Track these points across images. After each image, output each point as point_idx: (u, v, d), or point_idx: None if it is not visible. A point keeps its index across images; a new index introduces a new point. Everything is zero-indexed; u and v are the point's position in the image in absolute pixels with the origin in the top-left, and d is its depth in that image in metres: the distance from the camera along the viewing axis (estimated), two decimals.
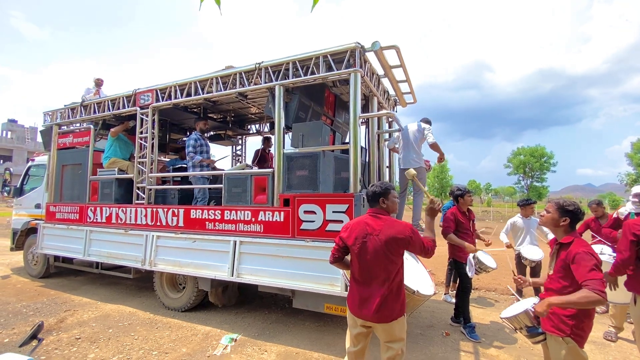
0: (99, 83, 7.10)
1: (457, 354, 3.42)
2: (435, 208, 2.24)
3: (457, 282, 4.11)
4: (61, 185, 5.70)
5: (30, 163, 6.86)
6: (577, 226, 2.18)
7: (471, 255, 3.78)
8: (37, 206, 6.21)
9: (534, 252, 4.69)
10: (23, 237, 6.44)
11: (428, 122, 4.53)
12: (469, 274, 3.74)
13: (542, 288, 2.24)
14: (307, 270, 3.45)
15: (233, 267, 3.83)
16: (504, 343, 3.69)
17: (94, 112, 5.36)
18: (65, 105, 5.78)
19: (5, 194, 7.08)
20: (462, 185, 4.26)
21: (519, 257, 4.79)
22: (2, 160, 37.67)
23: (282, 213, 3.66)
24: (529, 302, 2.24)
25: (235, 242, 3.87)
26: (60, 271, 6.22)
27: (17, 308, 4.55)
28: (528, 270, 4.76)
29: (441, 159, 4.46)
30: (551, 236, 4.54)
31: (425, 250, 2.14)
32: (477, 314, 4.64)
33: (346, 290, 3.17)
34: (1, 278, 6.14)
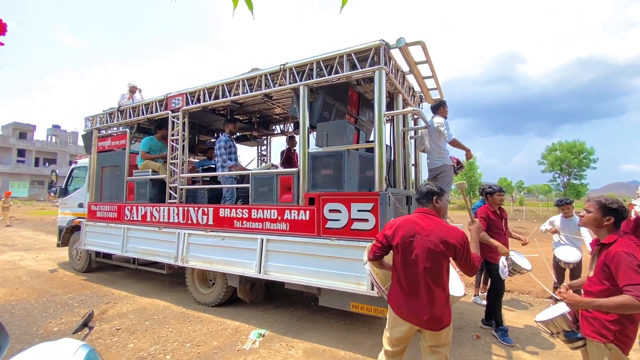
0: (132, 90, 7.51)
1: (489, 358, 3.31)
2: (476, 227, 2.20)
3: (488, 283, 3.98)
4: (101, 185, 6.08)
5: (73, 165, 7.37)
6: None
7: (504, 256, 3.62)
8: (80, 205, 6.67)
9: (569, 253, 4.44)
10: (68, 234, 6.94)
11: (437, 107, 4.34)
12: (502, 276, 3.57)
13: (582, 290, 2.11)
14: (333, 268, 3.47)
15: (260, 264, 3.92)
16: (540, 348, 3.53)
17: (130, 116, 5.67)
18: (103, 111, 6.16)
19: (52, 194, 7.66)
20: (493, 183, 4.11)
21: (556, 260, 4.55)
22: (47, 163, 40.65)
23: (307, 212, 3.71)
24: (567, 306, 2.13)
25: (262, 240, 3.96)
26: (101, 266, 6.64)
27: (64, 300, 4.92)
28: (567, 273, 4.52)
29: (468, 155, 4.31)
30: (589, 239, 4.27)
31: (471, 266, 2.02)
32: (510, 317, 4.46)
33: (372, 289, 3.17)
34: (49, 272, 6.65)
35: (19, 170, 37.73)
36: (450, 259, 2.05)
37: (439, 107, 4.39)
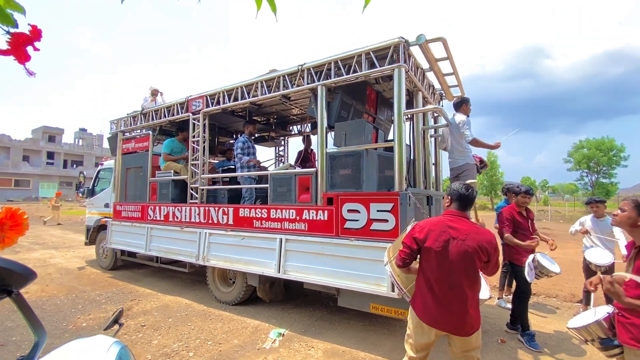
0: (154, 93, 7.74)
1: None
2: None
3: (513, 286, 3.84)
4: (125, 186, 6.29)
5: (99, 167, 7.67)
6: None
7: (530, 257, 3.48)
8: (106, 205, 6.92)
9: (600, 255, 4.22)
10: (95, 233, 7.23)
11: (459, 104, 4.24)
12: (528, 279, 3.42)
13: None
14: (352, 269, 3.45)
15: (279, 264, 3.94)
16: (570, 354, 3.38)
17: (152, 119, 5.84)
18: (127, 114, 6.37)
19: (80, 194, 8.00)
20: (520, 184, 3.97)
21: (587, 262, 4.35)
22: (75, 165, 42.50)
23: (325, 212, 3.70)
24: (602, 311, 2.02)
25: (281, 240, 3.98)
26: (126, 264, 6.87)
27: (92, 296, 5.12)
28: (598, 275, 4.31)
29: (495, 147, 4.13)
30: (624, 241, 4.05)
31: (494, 270, 2.03)
32: (537, 321, 4.30)
33: (393, 291, 3.12)
34: (78, 269, 6.94)
35: (48, 171, 39.64)
36: None
37: (461, 105, 4.28)
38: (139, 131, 6.30)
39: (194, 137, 5.12)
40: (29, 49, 0.87)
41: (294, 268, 3.89)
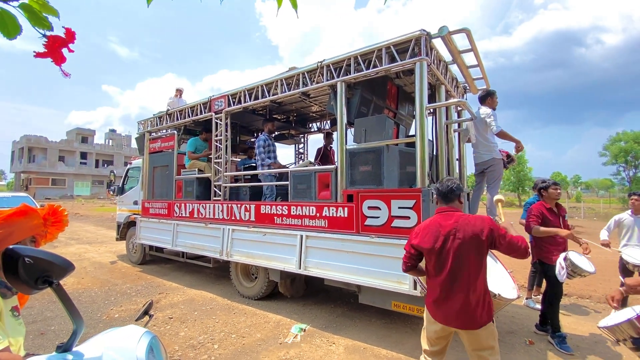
0: (177, 95, 8.00)
1: None
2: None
3: (543, 286, 3.67)
4: (153, 184, 6.54)
5: (128, 166, 8.01)
6: None
7: (562, 256, 3.30)
8: (135, 203, 7.24)
9: (639, 254, 3.96)
10: (125, 229, 7.58)
11: (484, 97, 4.11)
12: (560, 279, 3.21)
13: None
14: (373, 266, 3.43)
15: (300, 260, 3.98)
16: (603, 358, 3.21)
17: (177, 119, 6.03)
18: (154, 115, 6.61)
19: (111, 192, 8.40)
20: (547, 178, 3.79)
21: (623, 262, 4.10)
22: (106, 165, 44.67)
23: (345, 209, 3.69)
24: (636, 310, 1.89)
25: (301, 236, 4.01)
26: (154, 259, 7.16)
27: (123, 289, 5.38)
28: (636, 276, 4.05)
29: (519, 147, 4.02)
30: None
31: (516, 246, 1.91)
32: (568, 322, 4.11)
33: (415, 289, 3.08)
34: (110, 263, 7.31)
35: (82, 171, 41.91)
36: (495, 260, 1.95)
37: (486, 97, 4.14)
38: (164, 131, 6.52)
39: (216, 136, 5.24)
40: (64, 50, 0.92)
41: (314, 264, 3.91)
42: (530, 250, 1.97)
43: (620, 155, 30.83)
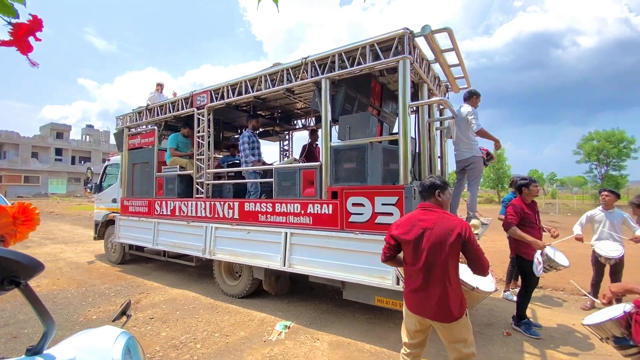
0: (158, 89, 7.78)
1: (521, 356, 3.19)
2: None
3: (520, 280, 3.81)
4: (132, 181, 6.35)
5: (106, 163, 7.75)
6: None
7: (538, 251, 3.43)
8: (114, 200, 7.01)
9: (610, 248, 4.16)
10: (103, 228, 7.33)
11: (469, 96, 4.21)
12: (536, 273, 3.36)
13: None
14: (357, 262, 3.46)
15: (285, 257, 3.97)
16: (577, 348, 3.36)
17: (157, 114, 5.87)
18: (133, 110, 6.41)
19: (88, 190, 8.11)
20: (525, 175, 3.91)
21: (596, 255, 4.30)
22: (83, 161, 43.04)
23: (330, 205, 3.70)
24: (619, 309, 1.97)
25: (286, 234, 4.00)
26: (134, 258, 6.97)
27: (102, 290, 5.21)
28: (607, 269, 4.26)
29: (497, 145, 4.15)
30: None
31: (480, 262, 1.98)
32: (544, 314, 4.28)
33: (397, 284, 3.13)
34: (87, 263, 7.07)
35: (57, 168, 40.22)
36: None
37: (471, 97, 4.24)
38: (144, 127, 6.34)
39: (198, 132, 5.14)
40: (31, 39, 0.87)
41: (299, 261, 3.91)
42: (488, 271, 2.01)
43: (592, 154, 32.24)
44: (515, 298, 4.21)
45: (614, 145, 31.19)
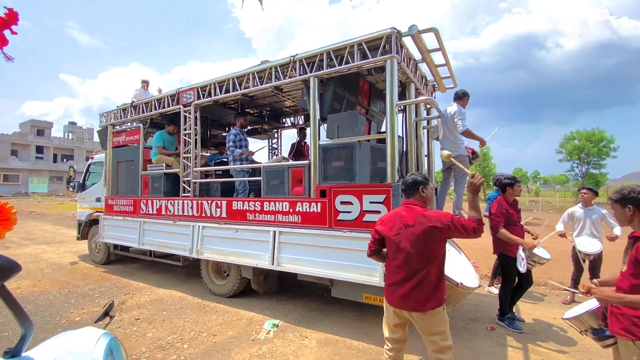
0: (144, 86, 7.63)
1: (504, 349, 3.28)
2: (476, 183, 2.06)
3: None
4: (117, 180, 6.22)
5: (90, 161, 7.55)
6: None
7: (521, 248, 3.52)
8: (98, 199, 6.84)
9: (589, 244, 4.31)
10: (87, 227, 7.15)
11: (461, 96, 4.28)
12: (521, 270, 3.44)
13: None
14: (345, 260, 3.48)
15: (273, 256, 3.96)
16: (557, 341, 3.47)
17: (142, 111, 5.75)
18: (117, 107, 6.26)
19: (71, 189, 7.88)
20: (509, 174, 3.99)
21: (576, 251, 4.44)
22: (65, 159, 41.82)
23: (319, 204, 3.71)
24: (595, 301, 2.04)
25: (274, 232, 3.99)
26: (119, 258, 6.83)
27: (85, 291, 5.09)
28: (587, 265, 4.41)
29: (482, 143, 4.23)
30: (618, 229, 4.12)
31: (467, 230, 2.00)
32: (526, 308, 4.41)
33: (384, 281, 3.16)
34: (70, 264, 6.89)
35: (38, 166, 38.95)
36: (459, 251, 2.04)
37: (462, 97, 4.30)
38: (129, 124, 6.21)
39: (185, 129, 5.06)
40: (6, 33, 0.85)
41: (287, 260, 3.90)
42: (481, 229, 2.02)
43: (574, 153, 33.21)
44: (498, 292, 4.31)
45: (594, 145, 32.21)
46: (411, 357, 3.06)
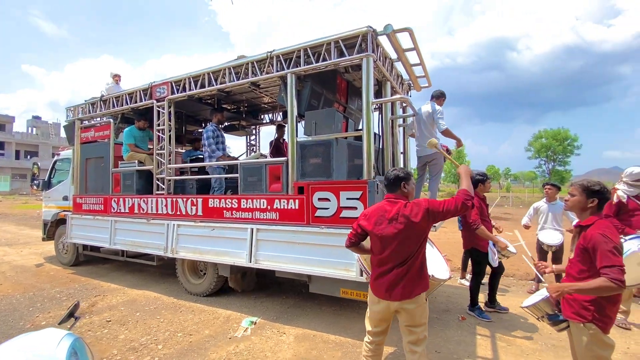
0: (116, 80, 7.31)
1: (474, 338, 3.43)
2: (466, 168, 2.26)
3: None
4: (86, 177, 5.94)
5: (56, 157, 7.16)
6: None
7: (491, 243, 3.71)
8: (65, 198, 6.52)
9: (551, 236, 4.59)
10: (53, 227, 6.81)
11: (439, 96, 4.41)
12: (493, 263, 3.66)
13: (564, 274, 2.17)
14: (323, 256, 3.51)
15: (251, 253, 3.93)
16: (524, 328, 3.67)
17: (113, 106, 5.52)
18: (85, 101, 5.97)
19: (35, 187, 7.45)
20: (482, 171, 4.16)
21: (539, 243, 4.71)
22: (29, 156, 39.43)
23: (296, 201, 3.72)
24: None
25: (252, 230, 3.96)
26: (89, 259, 6.54)
27: (52, 294, 4.85)
28: (550, 256, 4.68)
29: (459, 144, 4.38)
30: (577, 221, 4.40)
31: (453, 209, 2.03)
32: None
33: (361, 275, 3.23)
34: (35, 266, 6.53)
35: None
36: (432, 245, 2.13)
37: (440, 97, 4.41)
38: (98, 119, 5.94)
39: (159, 125, 4.91)
40: None
41: (265, 257, 3.89)
42: (465, 202, 2.07)
43: (542, 151, 34.97)
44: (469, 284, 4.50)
45: (560, 143, 34.04)
46: (385, 349, 3.14)
